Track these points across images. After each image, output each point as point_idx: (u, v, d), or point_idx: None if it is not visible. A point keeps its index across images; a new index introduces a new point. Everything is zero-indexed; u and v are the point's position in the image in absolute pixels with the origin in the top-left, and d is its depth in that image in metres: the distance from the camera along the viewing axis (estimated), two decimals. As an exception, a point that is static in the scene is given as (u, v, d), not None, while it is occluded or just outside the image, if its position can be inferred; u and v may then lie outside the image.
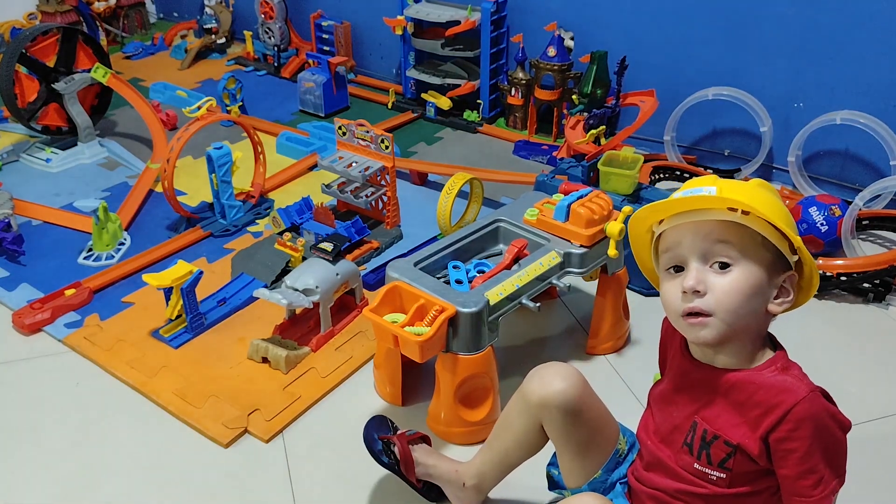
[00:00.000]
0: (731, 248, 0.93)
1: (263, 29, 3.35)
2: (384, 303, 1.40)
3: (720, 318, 0.94)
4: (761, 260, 0.94)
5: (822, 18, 2.20)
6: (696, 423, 1.00)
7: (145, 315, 1.80)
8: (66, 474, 1.40)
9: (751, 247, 0.93)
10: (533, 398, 1.13)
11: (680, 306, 0.96)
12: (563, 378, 1.12)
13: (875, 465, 1.42)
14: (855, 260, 1.90)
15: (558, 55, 2.57)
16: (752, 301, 0.94)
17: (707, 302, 0.94)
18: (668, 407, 1.06)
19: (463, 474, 1.25)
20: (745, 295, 0.93)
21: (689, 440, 1.01)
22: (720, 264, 0.94)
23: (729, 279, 0.93)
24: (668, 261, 0.99)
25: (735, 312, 0.94)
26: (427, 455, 1.28)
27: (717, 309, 0.94)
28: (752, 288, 0.94)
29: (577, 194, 1.56)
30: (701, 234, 0.94)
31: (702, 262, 0.95)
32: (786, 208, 0.97)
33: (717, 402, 0.99)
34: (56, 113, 2.58)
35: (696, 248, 0.95)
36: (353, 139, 2.08)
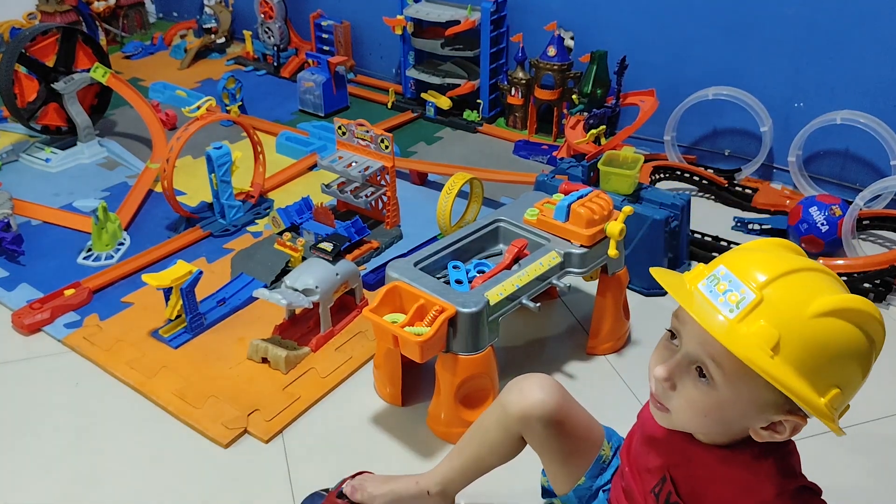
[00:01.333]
0: (721, 373, 0.79)
1: (263, 29, 3.35)
2: (384, 303, 1.39)
3: (676, 420, 0.86)
4: (755, 396, 0.79)
5: (822, 18, 2.20)
6: (665, 480, 0.94)
7: (145, 315, 1.79)
8: (66, 474, 1.40)
9: (744, 383, 0.78)
10: (513, 410, 1.09)
11: (651, 379, 0.87)
12: (543, 389, 1.08)
13: (875, 465, 1.42)
14: (855, 260, 1.90)
15: (558, 55, 2.57)
16: (721, 424, 0.83)
17: (670, 399, 0.84)
18: (647, 445, 1.00)
19: (425, 484, 1.22)
20: (707, 417, 0.82)
21: (656, 490, 0.96)
22: (700, 371, 0.81)
23: (699, 395, 0.81)
24: (671, 323, 0.87)
25: (692, 425, 0.86)
26: (378, 484, 1.25)
27: (675, 412, 0.85)
28: (725, 416, 0.81)
29: (577, 194, 1.56)
30: (698, 337, 0.80)
31: (689, 359, 0.82)
32: (850, 349, 0.77)
33: (686, 469, 0.92)
34: (55, 113, 2.58)
35: (688, 344, 0.82)
36: (353, 139, 2.08)
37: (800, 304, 0.75)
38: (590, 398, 1.57)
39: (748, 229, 2.17)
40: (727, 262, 0.81)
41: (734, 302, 0.77)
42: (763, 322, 0.75)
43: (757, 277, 0.77)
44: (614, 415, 1.53)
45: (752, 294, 0.76)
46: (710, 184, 2.35)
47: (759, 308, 0.76)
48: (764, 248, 0.84)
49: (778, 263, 0.78)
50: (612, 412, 1.53)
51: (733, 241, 2.04)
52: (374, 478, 1.28)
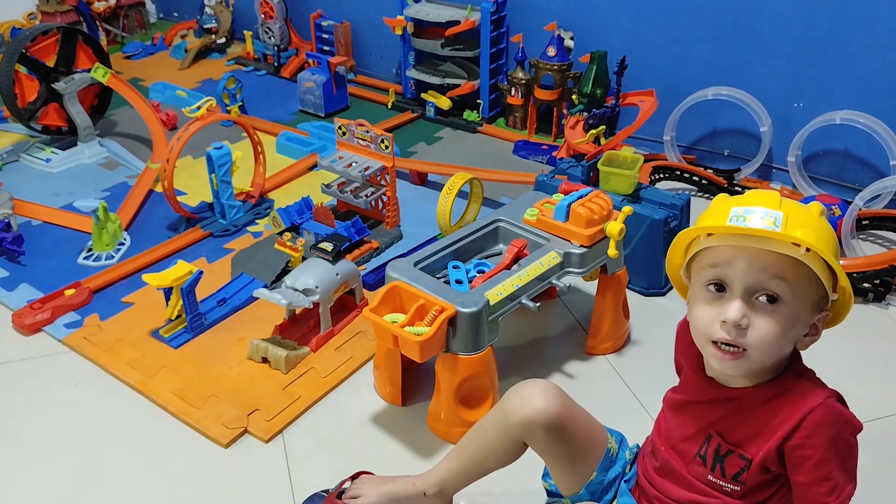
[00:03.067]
0: (786, 285, 0.88)
1: (263, 29, 3.35)
2: (384, 303, 1.40)
3: (753, 357, 0.91)
4: (808, 299, 0.91)
5: (822, 18, 2.20)
6: (711, 437, 0.99)
7: (145, 315, 1.80)
8: (66, 474, 1.41)
9: (804, 286, 0.90)
10: (515, 418, 1.10)
11: (714, 333, 0.92)
12: (545, 395, 1.09)
13: (875, 464, 1.42)
14: (855, 260, 1.90)
15: (558, 55, 2.57)
16: (788, 340, 0.92)
17: (746, 338, 0.90)
18: (682, 416, 1.05)
19: (422, 485, 1.22)
20: (784, 336, 0.90)
21: (702, 452, 1.00)
22: (769, 298, 0.89)
23: (775, 318, 0.89)
24: (710, 276, 0.92)
25: (770, 351, 0.91)
26: (375, 486, 1.25)
27: (755, 346, 0.90)
28: (793, 328, 0.91)
29: (576, 194, 1.56)
30: (758, 265, 0.88)
31: (748, 293, 0.89)
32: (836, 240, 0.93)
33: (733, 417, 0.98)
34: (56, 113, 2.58)
35: (748, 277, 0.89)
36: (353, 139, 2.08)
37: (808, 211, 0.90)
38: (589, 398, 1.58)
39: (748, 229, 2.17)
40: (736, 203, 0.91)
41: (770, 223, 0.87)
42: (801, 229, 0.86)
43: (770, 203, 0.89)
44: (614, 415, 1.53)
45: (780, 212, 0.88)
46: (709, 184, 2.36)
47: (790, 220, 0.87)
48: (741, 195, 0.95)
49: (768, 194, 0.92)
50: (612, 412, 1.53)
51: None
52: (372, 479, 1.28)
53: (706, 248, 0.92)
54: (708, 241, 0.92)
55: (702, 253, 0.93)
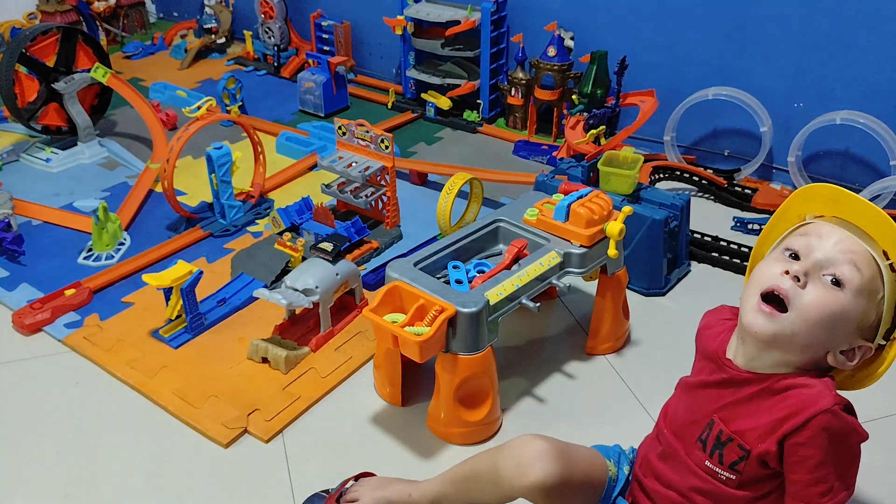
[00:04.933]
0: (857, 276, 0.91)
1: (263, 29, 3.35)
2: (384, 303, 1.40)
3: (791, 322, 0.93)
4: (863, 309, 0.93)
5: (822, 18, 2.20)
6: (714, 422, 1.00)
7: (145, 315, 1.80)
8: (66, 474, 1.41)
9: (867, 293, 0.92)
10: (510, 483, 1.07)
11: (770, 281, 0.94)
12: (542, 463, 1.04)
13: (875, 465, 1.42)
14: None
15: (558, 55, 2.57)
16: (827, 333, 0.93)
17: (796, 295, 0.92)
18: (690, 399, 1.06)
19: (418, 497, 1.21)
20: (829, 321, 0.92)
21: (703, 437, 1.01)
22: (834, 280, 0.92)
23: (829, 297, 0.91)
24: (794, 244, 0.96)
25: (807, 326, 0.92)
26: (372, 491, 1.25)
27: (798, 312, 0.92)
28: (838, 322, 0.92)
29: (576, 194, 1.56)
30: (845, 245, 0.93)
31: (819, 267, 0.93)
32: None
33: (740, 405, 0.99)
34: (56, 113, 2.58)
35: (829, 252, 0.93)
36: (353, 139, 2.08)
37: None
38: (589, 398, 1.59)
39: (748, 229, 2.17)
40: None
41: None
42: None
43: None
44: (614, 415, 1.54)
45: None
46: (709, 184, 2.36)
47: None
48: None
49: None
50: (612, 412, 1.54)
51: (733, 241, 2.04)
52: (369, 483, 1.27)
53: (804, 224, 0.98)
54: (812, 220, 0.98)
55: (798, 228, 0.99)
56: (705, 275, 1.98)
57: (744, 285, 1.03)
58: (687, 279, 1.96)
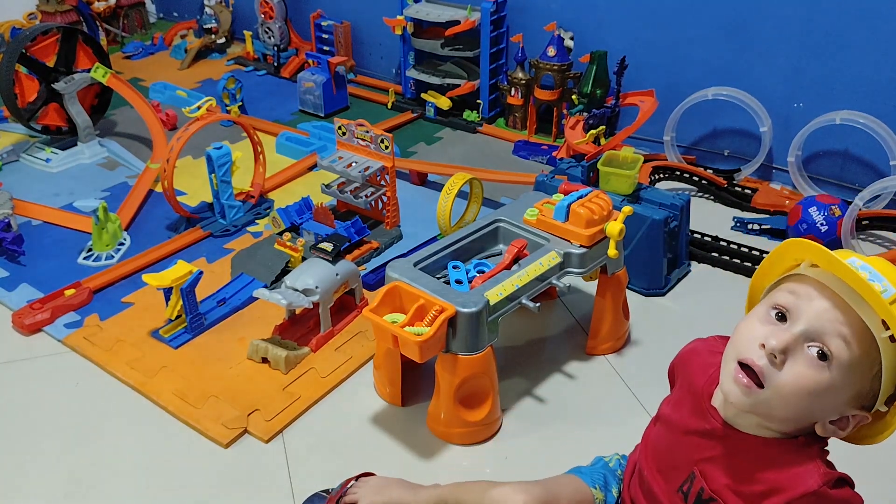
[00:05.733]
0: (845, 353, 0.80)
1: (263, 29, 3.35)
2: (384, 303, 1.40)
3: (764, 399, 0.84)
4: (857, 383, 0.82)
5: (822, 18, 2.20)
6: (695, 476, 0.94)
7: (145, 315, 1.80)
8: (66, 474, 1.40)
9: (861, 365, 0.81)
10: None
11: (746, 352, 0.85)
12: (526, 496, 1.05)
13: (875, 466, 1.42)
14: (855, 260, 1.90)
15: (558, 55, 2.57)
16: (809, 408, 0.84)
17: (771, 375, 0.83)
18: (671, 441, 1.00)
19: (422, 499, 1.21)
20: (810, 398, 0.83)
21: (685, 489, 0.96)
22: (820, 353, 0.81)
23: (811, 374, 0.81)
24: (782, 301, 0.85)
25: (785, 402, 0.84)
26: (373, 492, 1.25)
27: (774, 389, 0.83)
28: (822, 398, 0.83)
29: (576, 194, 1.56)
30: (834, 314, 0.81)
31: (805, 337, 0.82)
32: None
33: (721, 461, 0.92)
34: (56, 113, 2.58)
35: (816, 320, 0.82)
36: (353, 139, 2.08)
37: None
38: (589, 398, 1.59)
39: (748, 229, 2.17)
40: (859, 256, 0.84)
41: (880, 290, 0.79)
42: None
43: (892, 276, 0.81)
44: (614, 415, 1.54)
45: (894, 288, 0.79)
46: (709, 184, 2.36)
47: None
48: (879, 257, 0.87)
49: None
50: (611, 412, 1.54)
51: (733, 241, 2.04)
52: (370, 484, 1.27)
53: (797, 274, 0.86)
54: (806, 270, 0.86)
55: (790, 278, 0.87)
56: (705, 275, 1.98)
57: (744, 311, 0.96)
58: (687, 279, 1.96)
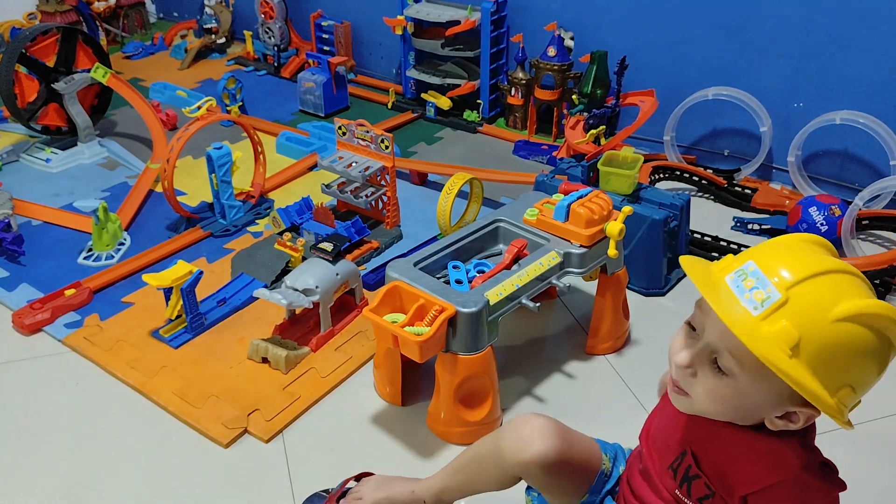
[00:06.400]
0: (739, 366, 0.80)
1: (263, 29, 3.35)
2: (384, 303, 1.40)
3: (696, 406, 0.87)
4: (771, 389, 0.80)
5: (822, 18, 2.20)
6: (685, 454, 0.96)
7: (145, 315, 1.80)
8: (66, 474, 1.41)
9: (764, 376, 0.78)
10: (512, 459, 1.06)
11: (671, 365, 0.88)
12: (542, 438, 1.04)
13: (875, 465, 1.42)
14: (855, 260, 1.90)
15: (558, 55, 2.57)
16: (738, 412, 0.85)
17: (691, 386, 0.86)
18: (668, 419, 1.02)
19: (421, 493, 1.21)
20: (728, 406, 0.84)
21: (675, 465, 0.98)
22: (718, 368, 0.82)
23: (720, 385, 0.83)
24: (692, 315, 0.87)
25: (712, 412, 0.86)
26: (374, 490, 1.25)
27: (696, 399, 0.86)
28: (742, 404, 0.83)
29: (576, 194, 1.56)
30: (721, 330, 0.80)
31: (709, 349, 0.83)
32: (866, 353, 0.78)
33: (710, 445, 0.93)
34: (56, 113, 2.58)
35: (711, 336, 0.83)
36: (353, 139, 2.08)
37: (823, 308, 0.76)
38: (589, 398, 1.59)
39: (748, 229, 2.17)
40: (757, 258, 0.81)
41: (759, 300, 0.77)
42: (785, 322, 0.75)
43: (784, 277, 0.77)
44: (614, 415, 1.54)
45: (778, 293, 0.76)
46: (709, 184, 2.36)
47: (784, 308, 0.76)
48: (795, 246, 0.83)
49: (807, 264, 0.78)
50: (611, 412, 1.54)
51: (733, 241, 2.04)
52: (371, 482, 1.27)
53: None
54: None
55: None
56: (705, 275, 1.98)
57: None
58: (687, 279, 1.96)
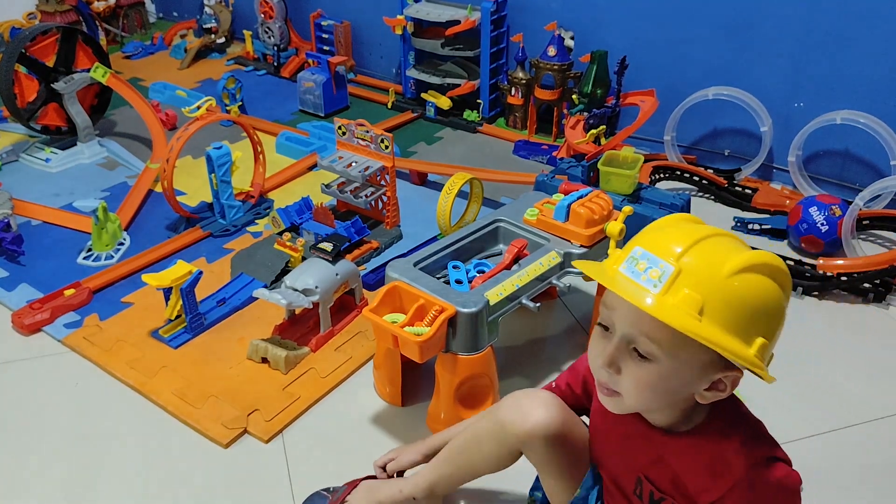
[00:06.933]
0: (657, 346, 0.83)
1: (263, 28, 3.35)
2: (384, 303, 1.40)
3: (628, 403, 0.89)
4: (693, 360, 0.83)
5: (823, 18, 2.20)
6: (641, 481, 0.96)
7: (145, 315, 1.79)
8: (66, 474, 1.40)
9: (685, 348, 0.82)
10: (513, 430, 1.07)
11: (593, 370, 0.90)
12: (545, 408, 1.05)
13: (875, 465, 1.42)
14: (855, 260, 1.90)
15: (558, 55, 2.57)
16: (668, 395, 0.87)
17: (619, 383, 0.87)
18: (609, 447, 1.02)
19: (410, 491, 1.21)
20: (657, 391, 0.86)
21: (638, 492, 0.97)
22: (640, 354, 0.84)
23: (643, 373, 0.85)
24: (601, 316, 0.89)
25: (644, 399, 0.88)
26: (363, 497, 1.25)
27: (626, 394, 0.87)
28: (671, 385, 0.85)
29: (577, 194, 1.56)
30: (632, 318, 0.84)
31: (625, 341, 0.85)
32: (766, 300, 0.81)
33: (659, 463, 0.93)
34: (55, 113, 2.58)
35: (623, 328, 0.85)
36: (353, 139, 2.08)
37: (715, 268, 0.81)
38: (589, 398, 1.58)
39: (748, 229, 2.17)
40: (641, 243, 0.85)
41: (656, 277, 0.81)
42: (686, 290, 0.80)
43: (673, 250, 0.82)
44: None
45: (671, 266, 0.81)
46: (709, 184, 2.35)
47: (680, 278, 0.81)
48: (671, 224, 0.88)
49: (687, 234, 0.84)
50: (611, 412, 1.54)
51: (733, 241, 2.04)
52: (359, 492, 1.27)
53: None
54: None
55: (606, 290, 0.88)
56: (705, 275, 1.98)
57: None
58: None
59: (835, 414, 1.52)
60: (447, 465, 1.20)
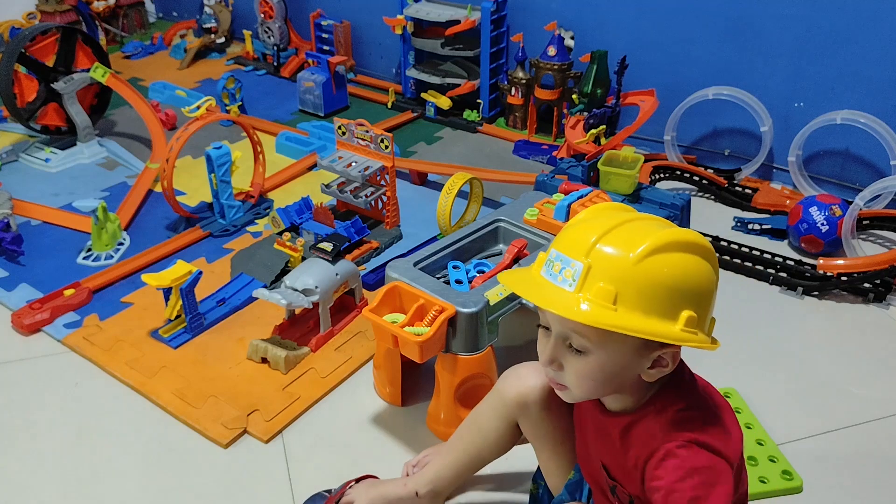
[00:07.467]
0: (587, 340, 0.86)
1: (263, 28, 3.35)
2: (384, 303, 1.39)
3: (576, 393, 0.92)
4: (624, 346, 0.86)
5: (822, 18, 2.20)
6: (604, 466, 0.98)
7: (144, 315, 1.79)
8: (65, 474, 1.40)
9: (610, 337, 0.84)
10: (510, 394, 1.12)
11: (543, 367, 0.94)
12: (540, 374, 1.09)
13: (875, 464, 1.42)
14: (855, 260, 1.90)
15: (558, 55, 2.57)
16: (613, 381, 0.89)
17: (563, 377, 0.91)
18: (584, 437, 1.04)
19: (413, 485, 1.22)
20: (599, 380, 0.88)
21: (601, 482, 1.00)
22: (576, 350, 0.88)
23: (582, 364, 0.88)
24: (540, 317, 0.92)
25: (589, 389, 0.90)
26: (366, 491, 1.25)
27: (572, 386, 0.91)
28: (611, 371, 0.87)
29: (577, 194, 1.56)
30: (558, 317, 0.86)
31: (561, 339, 0.89)
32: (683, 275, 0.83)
33: (612, 449, 0.95)
34: (55, 113, 2.58)
35: (555, 325, 0.89)
36: (353, 139, 2.08)
37: (623, 256, 0.82)
38: (590, 398, 1.58)
39: (748, 229, 2.17)
40: (556, 244, 0.88)
41: (570, 276, 0.84)
42: (602, 283, 0.82)
43: (583, 246, 0.84)
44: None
45: (580, 263, 0.83)
46: (710, 184, 2.35)
47: (592, 272, 0.83)
48: (586, 218, 0.90)
49: (594, 228, 0.85)
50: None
51: (733, 241, 2.04)
52: (363, 485, 1.27)
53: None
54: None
55: None
56: (705, 275, 1.98)
57: None
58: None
59: (835, 414, 1.52)
60: (448, 453, 1.22)
